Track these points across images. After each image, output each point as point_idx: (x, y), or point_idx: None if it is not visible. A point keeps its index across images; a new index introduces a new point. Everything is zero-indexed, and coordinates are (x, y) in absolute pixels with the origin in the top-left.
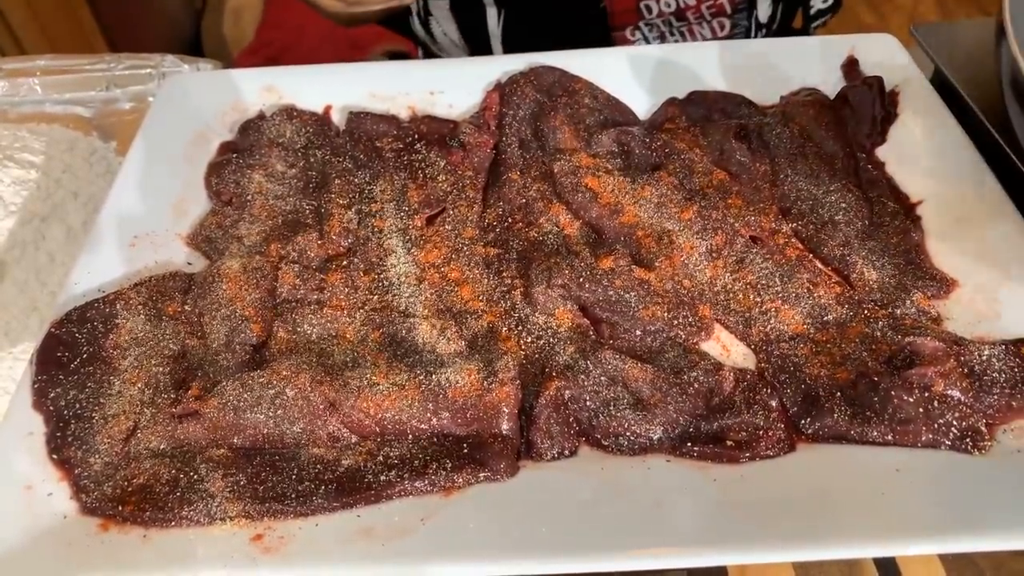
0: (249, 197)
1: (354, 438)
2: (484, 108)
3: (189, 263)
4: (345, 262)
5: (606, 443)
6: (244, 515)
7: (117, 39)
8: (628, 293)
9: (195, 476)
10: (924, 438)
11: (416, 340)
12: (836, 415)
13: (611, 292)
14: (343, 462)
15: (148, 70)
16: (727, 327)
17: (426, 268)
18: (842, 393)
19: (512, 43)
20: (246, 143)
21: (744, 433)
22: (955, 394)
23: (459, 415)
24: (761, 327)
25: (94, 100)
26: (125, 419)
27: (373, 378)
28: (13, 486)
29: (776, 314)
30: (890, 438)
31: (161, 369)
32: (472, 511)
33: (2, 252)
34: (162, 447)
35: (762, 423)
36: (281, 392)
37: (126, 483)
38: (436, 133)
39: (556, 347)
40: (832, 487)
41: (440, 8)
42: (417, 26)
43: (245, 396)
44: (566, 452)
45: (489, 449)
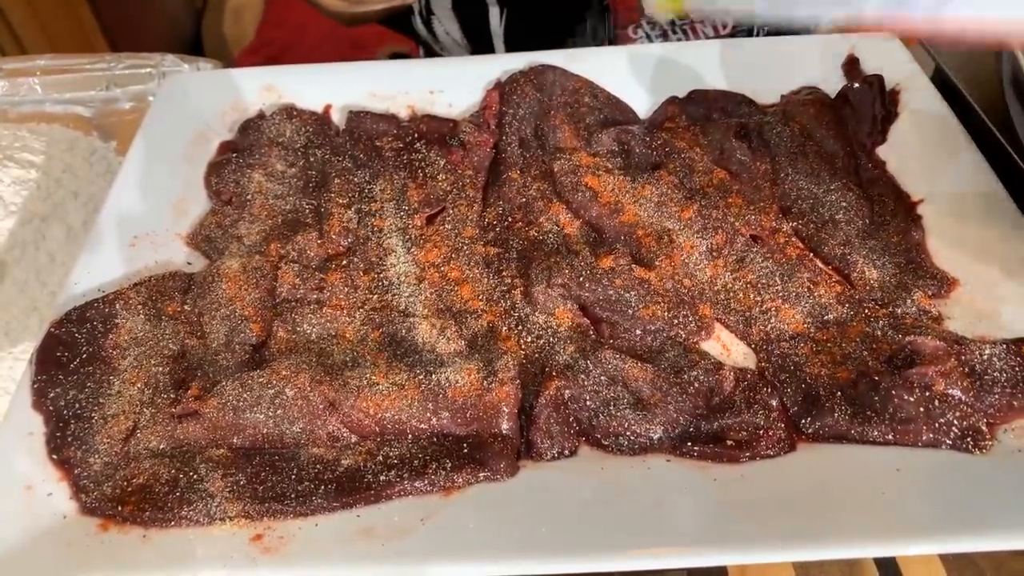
0: (249, 197)
1: (354, 438)
2: (484, 107)
3: (189, 263)
4: (345, 262)
5: (606, 443)
6: (244, 515)
7: (117, 38)
8: (628, 292)
9: (195, 476)
10: (925, 437)
11: (416, 340)
12: (836, 414)
13: (611, 291)
14: (343, 462)
15: (148, 70)
16: (727, 326)
17: (426, 267)
18: (842, 392)
19: (514, 42)
20: (246, 143)
21: (744, 433)
22: (956, 393)
23: (459, 415)
24: (761, 326)
25: (94, 100)
26: (125, 419)
27: (373, 378)
28: (13, 486)
29: (776, 313)
30: (891, 438)
31: (161, 369)
32: (472, 511)
33: (2, 252)
34: (162, 447)
35: (762, 423)
36: (281, 392)
37: (126, 483)
38: (436, 132)
39: (556, 347)
40: (832, 487)
41: (442, 7)
42: (419, 25)
43: (245, 396)
44: (566, 452)
45: (489, 449)
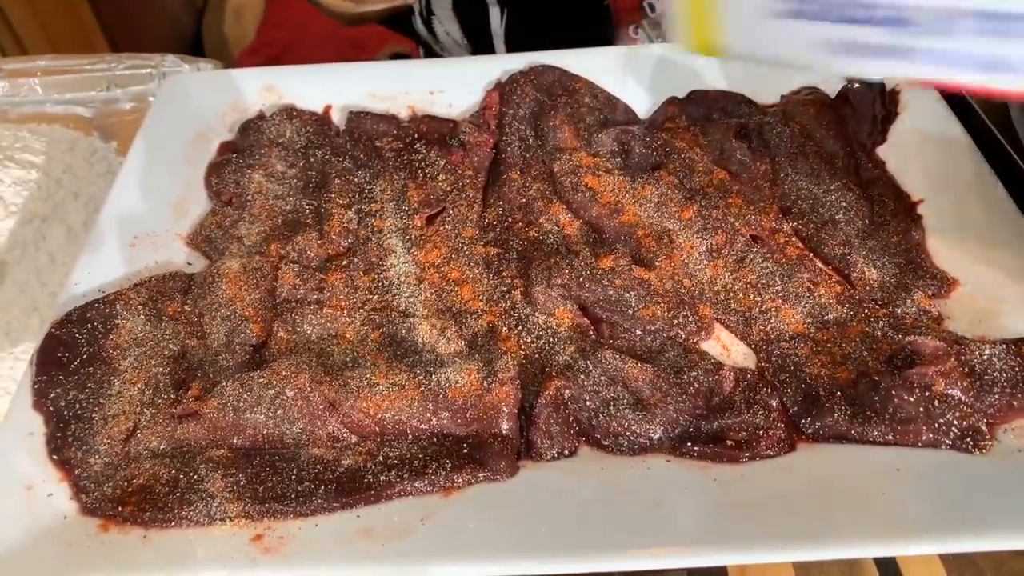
0: (249, 197)
1: (354, 438)
2: (484, 107)
3: (189, 263)
4: (345, 262)
5: (606, 443)
6: (244, 515)
7: (118, 38)
8: (628, 292)
9: (195, 476)
10: (925, 437)
11: (416, 340)
12: (836, 415)
13: (611, 291)
14: (343, 462)
15: (148, 70)
16: (727, 326)
17: (426, 268)
18: (842, 392)
19: (515, 42)
20: (246, 143)
21: (744, 433)
22: (956, 393)
23: (459, 415)
24: (761, 326)
25: (94, 100)
26: (125, 419)
27: (373, 378)
28: (13, 486)
29: (776, 313)
30: (891, 437)
31: (161, 369)
32: (472, 511)
33: (3, 252)
34: (162, 447)
35: (762, 423)
36: (281, 392)
37: (126, 483)
38: (436, 132)
39: (556, 347)
40: (832, 487)
41: (443, 7)
42: (419, 25)
43: (245, 396)
44: (566, 452)
45: (489, 449)
